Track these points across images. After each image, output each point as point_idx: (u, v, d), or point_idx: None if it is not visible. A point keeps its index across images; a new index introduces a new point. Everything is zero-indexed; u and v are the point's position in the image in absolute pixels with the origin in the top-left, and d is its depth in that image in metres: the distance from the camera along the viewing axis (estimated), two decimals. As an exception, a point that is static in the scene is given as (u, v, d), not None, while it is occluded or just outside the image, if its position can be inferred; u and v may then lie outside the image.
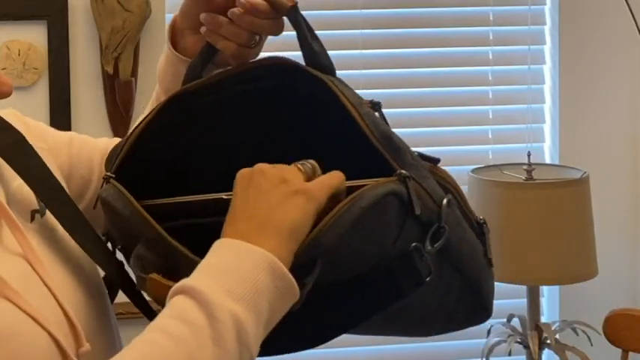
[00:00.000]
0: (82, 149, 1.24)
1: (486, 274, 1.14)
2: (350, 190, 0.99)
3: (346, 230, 0.96)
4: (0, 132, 1.09)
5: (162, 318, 0.91)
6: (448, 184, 1.09)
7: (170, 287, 0.94)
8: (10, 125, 1.10)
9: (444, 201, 1.04)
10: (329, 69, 1.08)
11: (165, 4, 2.67)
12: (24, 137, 1.10)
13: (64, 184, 1.15)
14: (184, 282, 0.92)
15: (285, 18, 1.11)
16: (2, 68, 2.61)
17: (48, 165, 1.12)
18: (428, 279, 1.01)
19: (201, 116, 1.12)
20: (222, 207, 1.00)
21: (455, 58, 2.84)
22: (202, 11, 1.14)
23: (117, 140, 1.17)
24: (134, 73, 2.62)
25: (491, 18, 2.84)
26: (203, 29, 1.14)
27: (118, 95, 2.62)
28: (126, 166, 1.08)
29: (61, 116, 2.60)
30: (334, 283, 0.99)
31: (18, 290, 0.95)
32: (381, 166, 1.01)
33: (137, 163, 1.09)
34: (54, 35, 2.62)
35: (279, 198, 0.97)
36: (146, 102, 1.32)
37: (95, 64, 2.64)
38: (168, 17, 2.69)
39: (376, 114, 1.05)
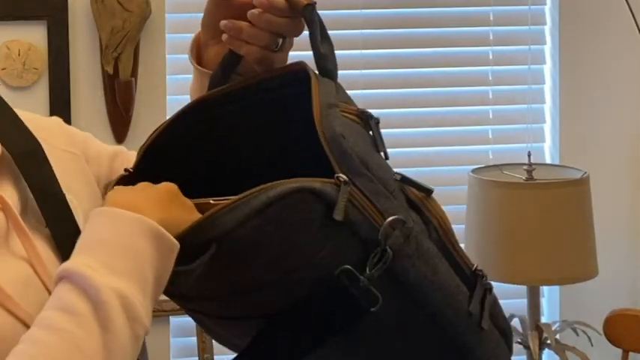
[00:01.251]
0: (124, 164, 1.23)
1: (478, 337, 1.01)
2: None
3: (247, 216, 0.92)
4: (18, 137, 1.08)
5: (48, 311, 0.90)
6: (432, 217, 1.01)
7: None
8: (29, 132, 1.10)
9: (388, 219, 0.95)
10: (331, 73, 1.07)
11: (165, 4, 2.67)
12: (39, 146, 1.09)
13: (99, 196, 1.16)
14: (65, 265, 0.92)
15: None
16: (2, 68, 2.61)
17: (77, 172, 1.12)
18: (373, 309, 0.93)
19: (220, 124, 1.11)
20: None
21: (455, 58, 2.84)
22: (222, 19, 1.13)
23: None
24: (134, 73, 2.62)
25: (491, 18, 2.84)
26: (224, 37, 1.13)
27: (117, 95, 2.62)
28: (145, 166, 1.08)
29: (60, 116, 2.58)
30: (261, 286, 0.95)
31: (13, 294, 0.95)
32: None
33: (156, 166, 1.08)
34: (54, 35, 2.62)
35: (170, 201, 0.97)
36: (146, 102, 1.32)
37: (95, 64, 2.64)
38: (168, 17, 2.70)
39: (369, 123, 1.02)
